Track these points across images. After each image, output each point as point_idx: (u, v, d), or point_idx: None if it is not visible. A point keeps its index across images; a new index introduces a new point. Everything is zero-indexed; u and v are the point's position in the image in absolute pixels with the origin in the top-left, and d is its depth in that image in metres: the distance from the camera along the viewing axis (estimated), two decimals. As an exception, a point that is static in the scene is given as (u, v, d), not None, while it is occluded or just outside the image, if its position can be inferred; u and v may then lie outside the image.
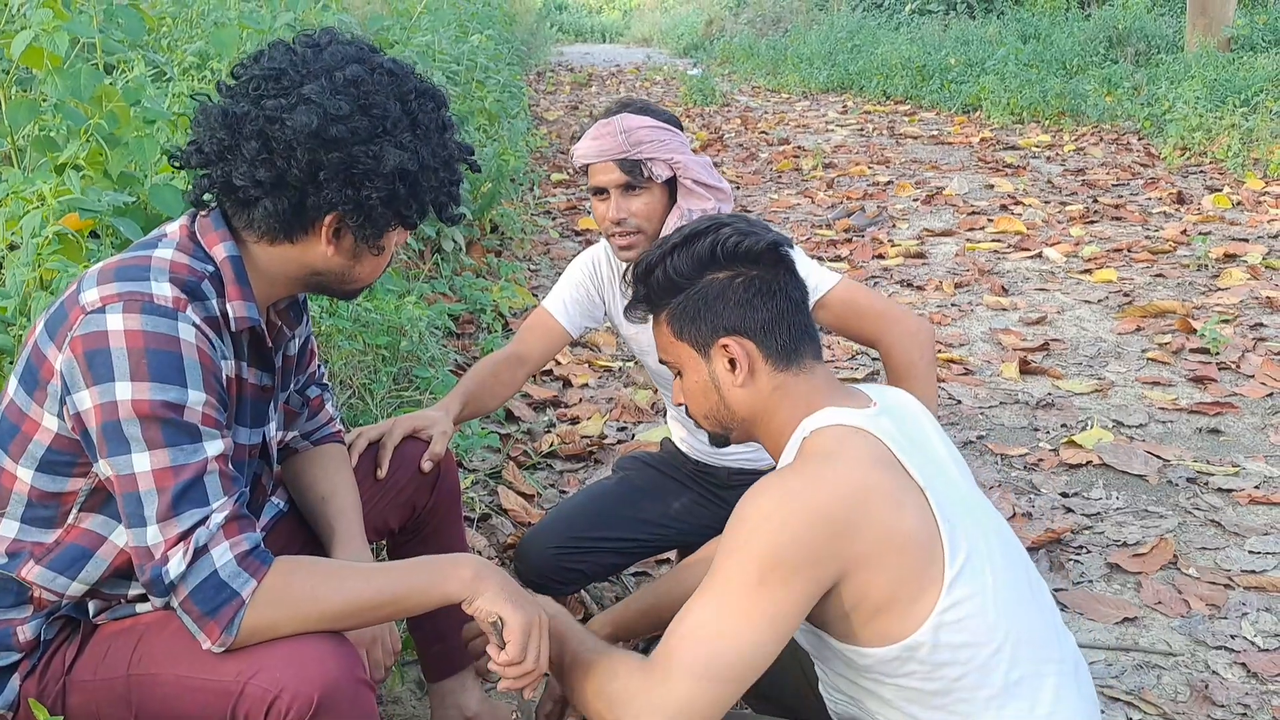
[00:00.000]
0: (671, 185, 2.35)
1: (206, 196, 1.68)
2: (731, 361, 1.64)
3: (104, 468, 1.51)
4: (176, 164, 1.72)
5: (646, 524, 2.65)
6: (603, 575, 2.69)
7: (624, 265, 2.58)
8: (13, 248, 2.41)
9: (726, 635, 1.46)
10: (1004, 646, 1.51)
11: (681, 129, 2.40)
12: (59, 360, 1.54)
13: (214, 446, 1.54)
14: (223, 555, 1.50)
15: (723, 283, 1.63)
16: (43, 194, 2.31)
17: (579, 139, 2.40)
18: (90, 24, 2.73)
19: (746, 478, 2.63)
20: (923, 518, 1.50)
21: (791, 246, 1.70)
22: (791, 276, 1.67)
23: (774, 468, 2.56)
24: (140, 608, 1.69)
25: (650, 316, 1.73)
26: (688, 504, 2.69)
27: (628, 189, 2.32)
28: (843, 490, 1.47)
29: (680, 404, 1.77)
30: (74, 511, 1.61)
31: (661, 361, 1.75)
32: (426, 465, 2.18)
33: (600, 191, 2.35)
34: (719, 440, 1.77)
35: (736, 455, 2.63)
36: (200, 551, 1.49)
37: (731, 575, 1.48)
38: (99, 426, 1.50)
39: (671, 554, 3.00)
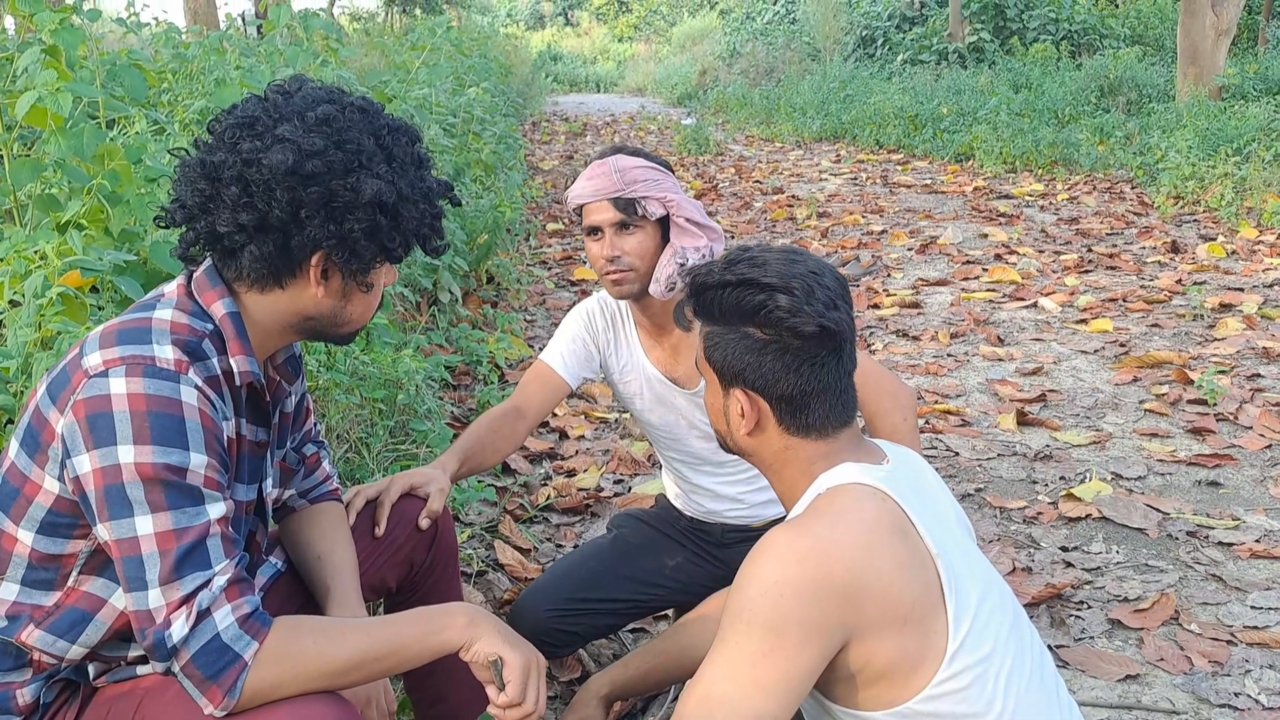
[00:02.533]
0: (664, 225, 2.37)
1: (194, 250, 1.70)
2: (742, 411, 1.63)
3: (103, 531, 1.51)
4: (162, 224, 1.73)
5: (642, 584, 2.64)
6: (599, 635, 2.67)
7: (618, 313, 2.59)
8: (14, 304, 2.42)
9: (738, 705, 1.44)
10: (1003, 718, 1.50)
11: (672, 173, 2.42)
12: (60, 423, 1.53)
13: (216, 509, 1.54)
14: (225, 618, 1.49)
15: (759, 342, 1.59)
16: (45, 253, 2.31)
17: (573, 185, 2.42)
18: (93, 84, 2.75)
19: (740, 534, 2.62)
20: (929, 586, 1.49)
21: (851, 325, 1.64)
22: (834, 357, 1.61)
23: (769, 524, 2.57)
24: (140, 670, 1.69)
25: (691, 322, 1.71)
26: (683, 562, 2.67)
27: (622, 227, 2.33)
28: (849, 556, 1.45)
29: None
30: (74, 574, 1.61)
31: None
32: (424, 523, 2.18)
33: (594, 231, 2.36)
34: (725, 449, 1.77)
35: (731, 512, 2.62)
36: (203, 615, 1.48)
37: (739, 643, 1.46)
38: (100, 490, 1.49)
39: (669, 611, 2.98)
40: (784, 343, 1.58)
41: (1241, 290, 6.40)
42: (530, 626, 2.50)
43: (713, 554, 2.65)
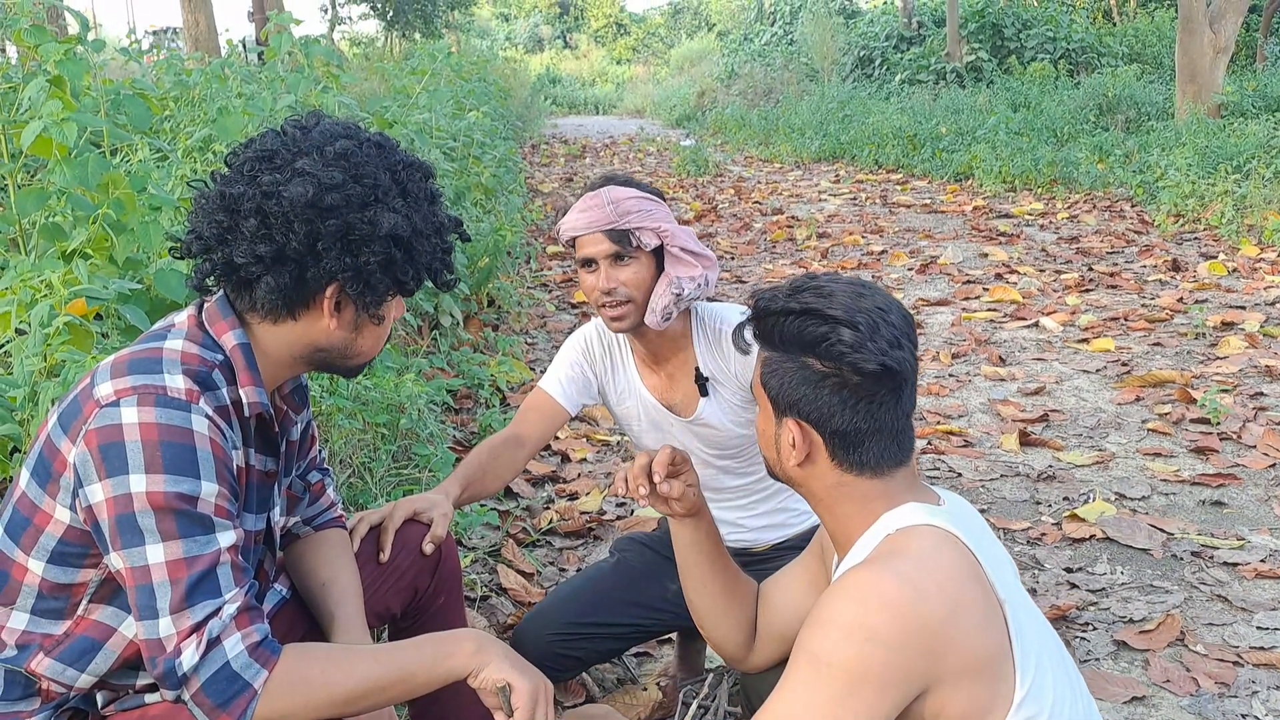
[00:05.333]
0: (659, 255, 2.36)
1: (209, 281, 1.71)
2: (793, 441, 1.58)
3: (116, 560, 1.52)
4: (178, 255, 1.75)
5: (645, 608, 2.62)
6: (602, 660, 2.66)
7: (615, 339, 2.58)
8: (20, 333, 2.42)
9: None
10: None
11: (665, 201, 2.41)
12: (72, 453, 1.55)
13: (226, 537, 1.56)
14: (235, 646, 1.51)
15: (818, 374, 1.54)
16: (50, 281, 2.32)
17: (566, 214, 2.41)
18: (97, 113, 2.76)
19: (743, 558, 2.62)
20: (1000, 635, 1.45)
21: (914, 366, 1.58)
22: (894, 397, 1.55)
23: (771, 549, 2.56)
24: (149, 698, 1.70)
25: (750, 344, 1.65)
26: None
27: (616, 259, 2.32)
28: (937, 606, 1.40)
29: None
30: (84, 603, 1.62)
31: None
32: (428, 548, 2.18)
33: (589, 263, 2.35)
34: (773, 476, 1.71)
35: (732, 535, 2.61)
36: (213, 643, 1.49)
37: (818, 684, 1.40)
38: (112, 519, 1.50)
39: (673, 635, 2.98)
40: (843, 378, 1.53)
41: (1243, 308, 6.41)
42: (533, 652, 2.49)
43: None
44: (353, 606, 1.98)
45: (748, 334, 1.65)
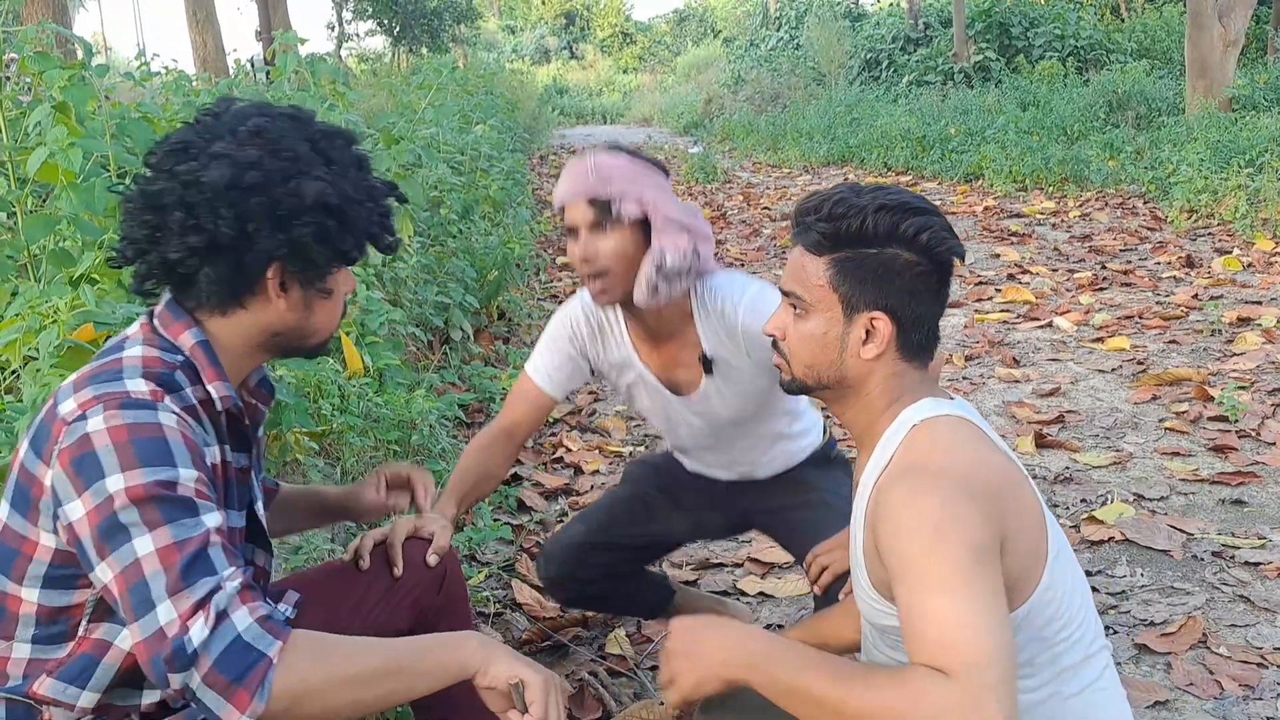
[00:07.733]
0: (646, 230, 2.27)
1: (150, 285, 1.71)
2: (868, 333, 1.63)
3: (104, 571, 1.47)
4: (115, 265, 1.74)
5: (658, 523, 2.82)
6: (621, 572, 2.86)
7: (605, 315, 2.52)
8: (29, 359, 2.43)
9: (984, 616, 1.38)
10: (1078, 621, 1.60)
11: (666, 174, 2.34)
12: (49, 476, 1.53)
13: (212, 519, 1.52)
14: (244, 619, 1.45)
15: (904, 263, 1.62)
16: (58, 308, 2.32)
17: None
18: (103, 140, 2.77)
19: (742, 487, 2.74)
20: (1031, 492, 1.59)
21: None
22: (947, 288, 1.69)
23: (773, 477, 2.62)
24: (155, 723, 1.67)
25: (813, 249, 1.66)
26: (697, 502, 2.80)
27: (596, 227, 2.25)
28: (984, 470, 1.52)
29: (773, 336, 1.73)
30: (84, 623, 1.60)
31: (786, 292, 1.70)
32: (432, 559, 2.18)
33: (573, 231, 2.29)
34: (795, 388, 1.73)
35: (738, 470, 2.70)
36: (221, 616, 1.44)
37: (950, 568, 1.41)
38: (94, 528, 1.47)
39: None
40: (924, 267, 1.63)
41: (1259, 303, 6.36)
42: (560, 558, 2.79)
43: (720, 499, 2.78)
44: (340, 489, 2.06)
45: (811, 239, 1.67)
